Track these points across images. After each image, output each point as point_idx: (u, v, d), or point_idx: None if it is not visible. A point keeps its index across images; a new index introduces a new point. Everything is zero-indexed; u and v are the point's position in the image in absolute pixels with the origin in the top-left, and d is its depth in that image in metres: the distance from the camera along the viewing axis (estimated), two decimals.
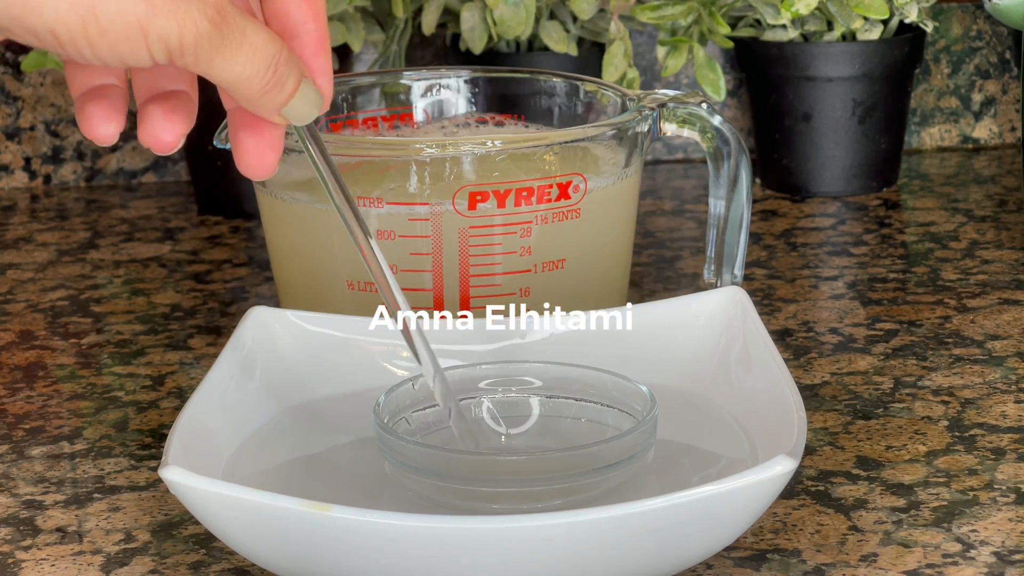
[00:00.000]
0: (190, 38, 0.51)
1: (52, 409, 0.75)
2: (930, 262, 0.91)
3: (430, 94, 0.81)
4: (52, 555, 0.61)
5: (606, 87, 0.78)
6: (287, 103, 0.55)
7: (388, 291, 0.60)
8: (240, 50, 0.53)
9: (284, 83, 0.54)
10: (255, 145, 0.57)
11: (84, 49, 0.51)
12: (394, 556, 0.52)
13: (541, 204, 0.71)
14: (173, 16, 0.51)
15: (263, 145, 0.57)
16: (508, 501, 0.58)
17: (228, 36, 0.52)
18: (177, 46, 0.51)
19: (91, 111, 0.55)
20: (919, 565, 0.58)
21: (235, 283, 0.92)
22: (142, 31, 0.51)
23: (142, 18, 0.51)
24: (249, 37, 0.53)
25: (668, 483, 0.60)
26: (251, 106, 0.55)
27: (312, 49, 0.56)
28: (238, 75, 0.53)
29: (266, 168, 0.57)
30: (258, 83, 0.54)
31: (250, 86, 0.54)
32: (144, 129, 0.56)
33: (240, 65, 0.53)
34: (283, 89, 0.54)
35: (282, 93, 0.54)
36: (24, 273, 0.94)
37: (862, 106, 1.03)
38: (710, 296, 0.68)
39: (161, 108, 0.56)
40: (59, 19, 0.50)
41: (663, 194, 1.07)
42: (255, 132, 0.57)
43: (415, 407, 0.63)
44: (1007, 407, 0.72)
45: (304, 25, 0.56)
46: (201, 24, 0.51)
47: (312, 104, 0.56)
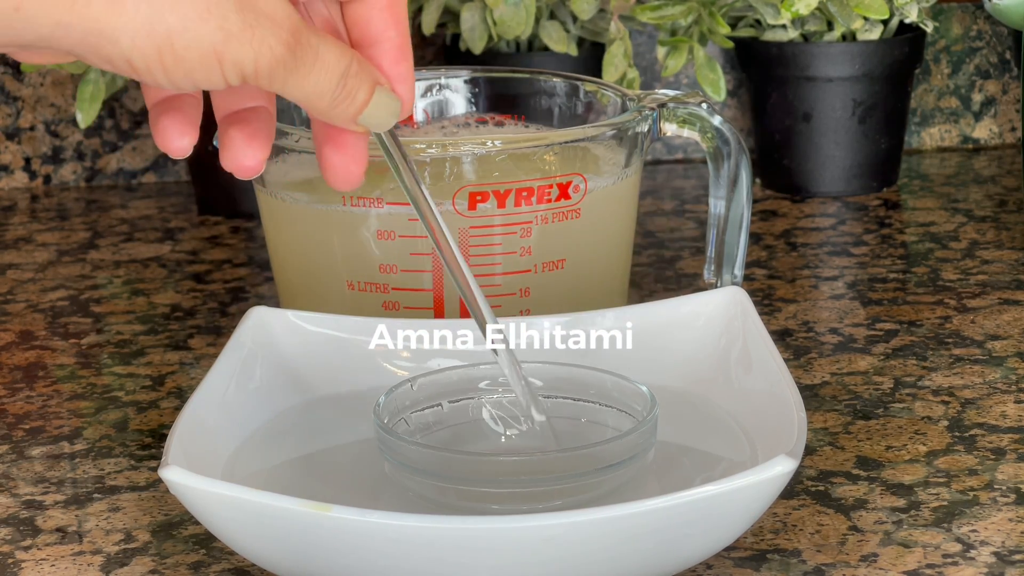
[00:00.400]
0: (265, 63, 0.51)
1: (52, 409, 0.75)
2: (930, 262, 0.91)
3: (430, 94, 0.81)
4: (52, 555, 0.61)
5: (606, 87, 0.78)
6: (361, 112, 0.55)
7: (476, 306, 0.60)
8: (313, 69, 0.53)
9: (355, 95, 0.54)
10: (340, 160, 0.57)
11: (159, 76, 0.51)
12: (394, 556, 0.52)
13: (541, 204, 0.71)
14: (249, 43, 0.51)
15: (347, 159, 0.57)
16: (508, 502, 0.58)
17: (302, 58, 0.52)
18: (252, 71, 0.51)
19: (165, 124, 0.55)
20: (919, 565, 0.58)
21: (235, 283, 0.92)
22: (217, 58, 0.51)
23: (218, 45, 0.51)
24: (321, 55, 0.53)
25: (668, 483, 0.60)
26: (324, 118, 0.55)
27: (392, 57, 0.56)
28: (310, 92, 0.53)
29: (353, 180, 0.57)
30: (329, 97, 0.54)
31: (321, 100, 0.54)
32: (226, 155, 0.56)
33: (312, 83, 0.53)
34: (355, 100, 0.54)
35: (354, 104, 0.54)
36: (24, 273, 0.94)
37: (862, 106, 1.03)
38: (710, 296, 0.68)
39: (242, 133, 0.56)
40: (135, 47, 0.50)
41: (663, 194, 1.07)
42: (339, 146, 0.57)
43: (415, 407, 0.63)
44: (1007, 407, 0.72)
45: (384, 32, 0.56)
46: (276, 49, 0.51)
47: (389, 111, 0.56)
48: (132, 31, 0.50)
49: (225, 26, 0.50)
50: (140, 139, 1.13)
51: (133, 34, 0.50)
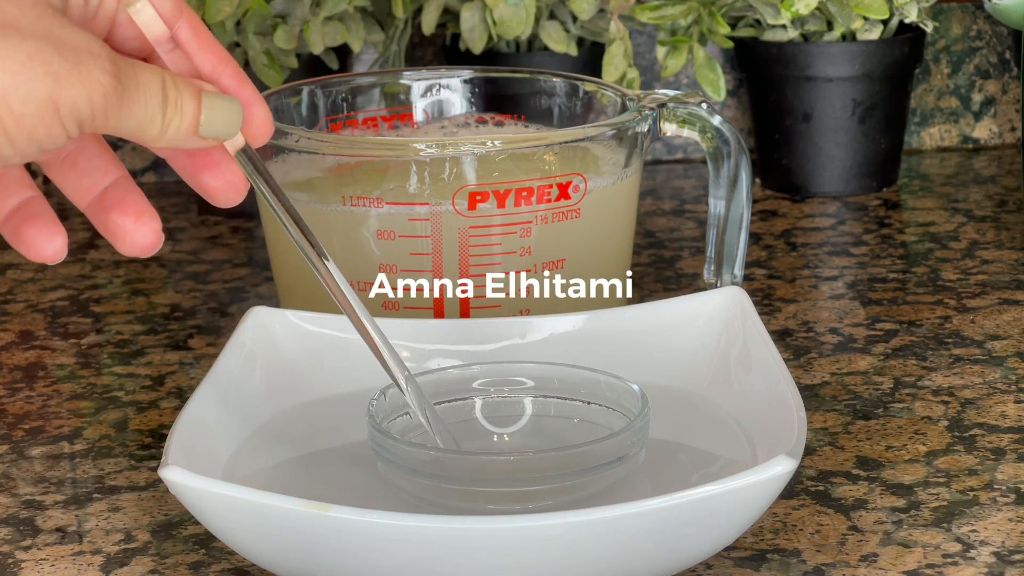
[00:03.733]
0: (99, 99, 0.50)
1: (52, 409, 0.75)
2: (930, 262, 0.91)
3: (430, 94, 0.81)
4: (52, 555, 0.61)
5: (606, 87, 0.78)
6: (197, 123, 0.53)
7: (348, 306, 0.59)
8: (138, 93, 0.51)
9: (181, 105, 0.53)
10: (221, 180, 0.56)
11: (4, 147, 0.49)
12: (394, 556, 0.52)
13: (541, 204, 0.71)
14: (79, 81, 0.49)
15: (227, 174, 0.56)
16: (500, 501, 0.58)
17: (128, 84, 0.51)
18: (88, 112, 0.50)
19: (31, 235, 0.54)
20: (919, 565, 0.58)
21: (235, 283, 0.92)
22: (54, 107, 0.49)
23: (51, 92, 0.49)
24: (140, 77, 0.52)
25: (668, 483, 0.60)
26: (165, 143, 0.53)
27: (235, 85, 0.55)
28: (141, 119, 0.52)
29: (240, 191, 0.57)
30: (160, 118, 0.52)
31: (153, 125, 0.52)
32: (122, 243, 0.55)
33: (141, 109, 0.52)
34: (184, 112, 0.53)
35: (185, 116, 0.53)
36: (24, 273, 0.94)
37: (862, 106, 1.03)
38: (710, 296, 0.68)
39: (128, 215, 0.54)
40: None
41: (663, 194, 1.07)
42: (211, 168, 0.56)
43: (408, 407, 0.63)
44: (1007, 407, 0.72)
45: (216, 69, 0.55)
46: (104, 80, 0.50)
47: (228, 114, 0.54)
48: None
49: (52, 70, 0.49)
50: None
51: None
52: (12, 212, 0.55)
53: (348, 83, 0.80)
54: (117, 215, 0.55)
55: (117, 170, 0.56)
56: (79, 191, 0.56)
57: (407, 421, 0.63)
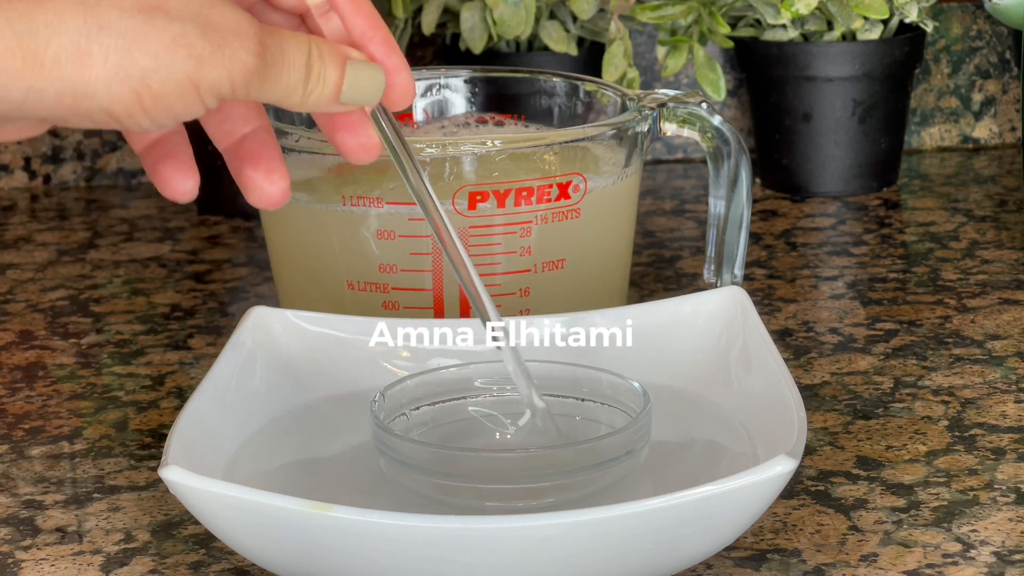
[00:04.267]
0: (240, 77, 0.51)
1: (52, 409, 0.75)
2: (930, 262, 0.91)
3: (430, 94, 0.81)
4: (52, 555, 0.61)
5: (606, 87, 0.78)
6: (339, 91, 0.55)
7: (479, 301, 0.60)
8: (283, 67, 0.53)
9: (324, 76, 0.54)
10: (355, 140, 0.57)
11: (141, 120, 0.51)
12: (394, 556, 0.52)
13: (541, 204, 0.71)
14: (221, 63, 0.51)
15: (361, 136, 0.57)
16: (502, 498, 0.58)
17: (272, 61, 0.52)
18: (228, 89, 0.51)
19: (167, 173, 0.56)
20: (919, 565, 0.58)
21: (235, 283, 0.92)
22: (194, 87, 0.51)
23: (192, 74, 0.50)
24: (286, 51, 0.53)
25: (668, 483, 0.60)
26: (307, 109, 0.55)
27: (383, 52, 0.57)
28: (283, 90, 0.53)
29: (373, 152, 0.58)
30: (302, 88, 0.54)
31: (295, 94, 0.54)
32: (251, 196, 0.57)
33: (284, 81, 0.53)
34: (326, 81, 0.54)
35: (327, 86, 0.54)
36: (24, 273, 0.94)
37: (862, 106, 1.03)
38: (710, 296, 0.68)
39: (259, 171, 0.56)
40: (113, 98, 0.50)
41: (663, 194, 1.07)
42: (348, 128, 0.57)
43: (412, 405, 0.63)
44: (1007, 407, 0.72)
45: (365, 34, 0.56)
46: (248, 61, 0.51)
47: (371, 82, 0.56)
48: (106, 81, 0.50)
49: (195, 52, 0.50)
50: None
51: (107, 84, 0.50)
52: (152, 145, 0.56)
53: None
54: (250, 169, 0.57)
55: (258, 119, 0.57)
56: (220, 134, 0.57)
57: (408, 420, 0.63)
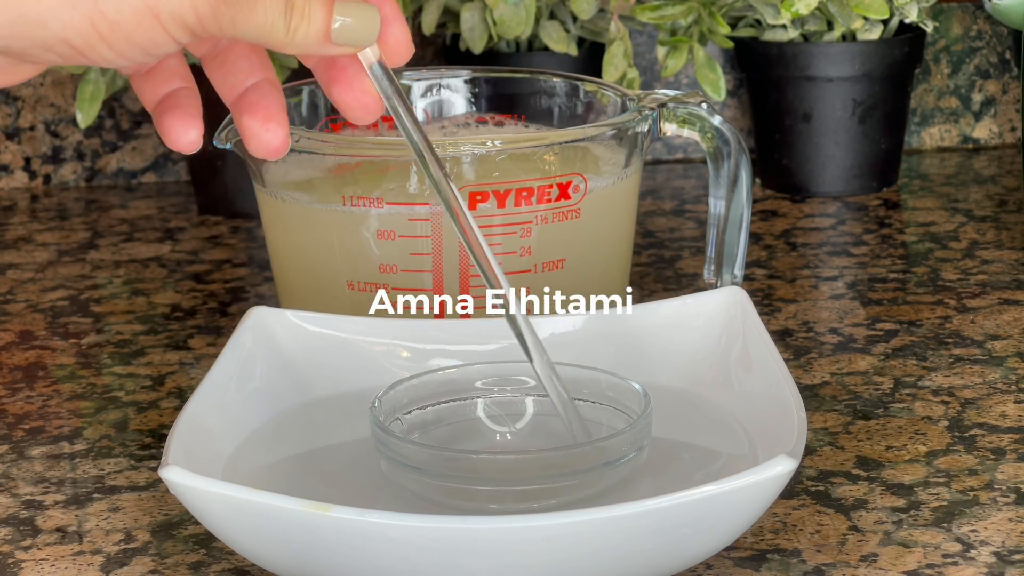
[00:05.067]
0: (205, 7, 0.50)
1: (52, 409, 0.75)
2: (930, 262, 0.91)
3: (430, 94, 0.81)
4: (52, 555, 0.61)
5: (606, 87, 0.78)
6: (328, 30, 0.53)
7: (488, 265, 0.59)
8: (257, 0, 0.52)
9: (308, 12, 0.53)
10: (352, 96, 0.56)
11: (103, 50, 0.50)
12: (394, 556, 0.52)
13: (541, 204, 0.71)
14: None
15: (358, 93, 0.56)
16: (503, 500, 0.58)
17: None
18: (195, 19, 0.50)
19: (168, 123, 0.55)
20: (919, 565, 0.58)
21: (235, 283, 0.92)
22: (153, 14, 0.50)
23: (149, 1, 0.50)
24: None
25: (668, 483, 0.60)
26: (294, 50, 0.53)
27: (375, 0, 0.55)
28: (262, 24, 0.52)
29: (372, 111, 0.56)
30: (282, 24, 0.52)
31: (276, 30, 0.52)
32: (251, 144, 0.56)
33: (260, 15, 0.52)
34: (312, 18, 0.53)
35: (312, 23, 0.53)
36: (24, 273, 0.94)
37: (862, 106, 1.03)
38: (710, 296, 0.68)
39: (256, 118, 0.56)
40: (66, 26, 0.49)
41: (663, 194, 1.07)
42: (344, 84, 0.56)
43: (412, 406, 0.63)
44: (1007, 407, 0.72)
45: None
46: None
47: (365, 21, 0.54)
48: (56, 8, 0.49)
49: None
50: (140, 139, 1.13)
51: (58, 11, 0.49)
52: (162, 99, 0.56)
53: None
54: (248, 117, 0.56)
55: (262, 72, 0.57)
56: (225, 87, 0.57)
57: (409, 420, 0.63)
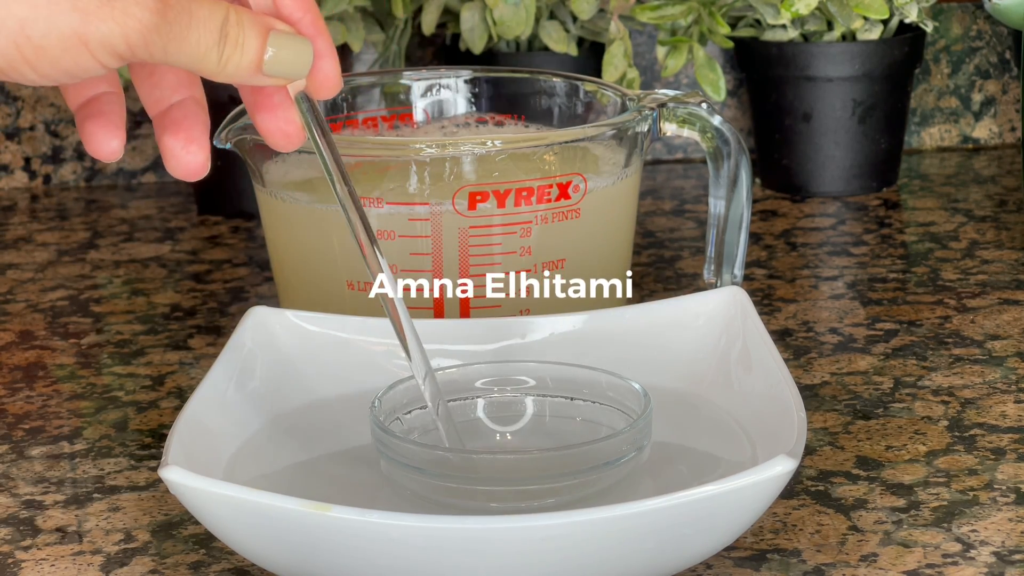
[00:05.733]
0: (136, 35, 0.50)
1: (52, 409, 0.75)
2: (930, 262, 0.91)
3: (430, 94, 0.81)
4: (52, 555, 0.61)
5: (606, 87, 0.78)
6: (260, 61, 0.53)
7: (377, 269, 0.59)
8: (190, 28, 0.51)
9: (243, 43, 0.53)
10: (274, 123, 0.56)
11: (28, 72, 0.50)
12: (394, 556, 0.52)
13: (541, 204, 0.71)
14: (111, 18, 0.49)
15: (280, 121, 0.56)
16: (503, 499, 0.58)
17: (175, 20, 0.51)
18: (125, 47, 0.50)
19: (91, 130, 0.55)
20: (919, 565, 0.58)
21: (235, 283, 0.92)
22: (81, 41, 0.49)
23: (77, 28, 0.49)
24: (195, 13, 0.51)
25: (668, 483, 0.60)
26: (226, 78, 0.53)
27: (311, 34, 0.55)
28: (193, 54, 0.52)
29: (292, 140, 0.56)
30: (215, 53, 0.52)
31: (208, 60, 0.52)
32: (170, 164, 0.56)
33: (193, 44, 0.51)
34: (245, 49, 0.53)
35: (246, 54, 0.53)
36: (24, 273, 0.94)
37: (862, 106, 1.03)
38: (710, 296, 0.68)
39: (178, 139, 0.55)
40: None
41: (663, 194, 1.07)
42: (269, 110, 0.56)
43: (412, 406, 0.63)
44: (1007, 407, 0.72)
45: (294, 15, 0.55)
46: (144, 17, 0.50)
47: (297, 54, 0.54)
48: None
49: (79, 5, 0.49)
50: (140, 139, 1.13)
51: None
52: (84, 103, 0.55)
53: (348, 83, 0.80)
54: (170, 136, 0.56)
55: (188, 90, 0.56)
56: (150, 100, 0.57)
57: (409, 421, 0.63)
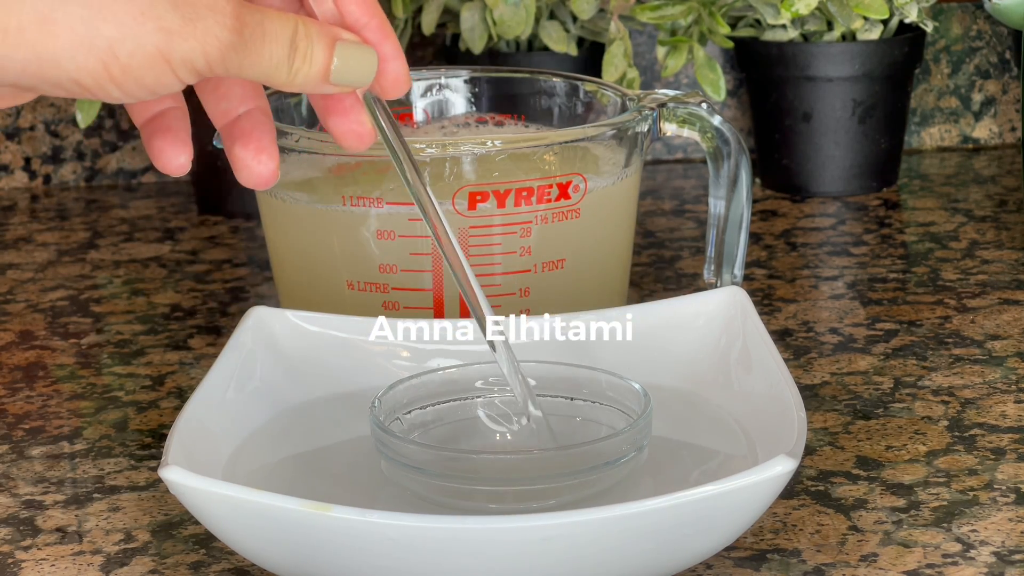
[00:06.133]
0: (215, 53, 0.51)
1: (52, 409, 0.75)
2: (930, 262, 0.92)
3: (430, 94, 0.81)
4: (52, 555, 0.61)
5: (606, 87, 0.78)
6: (328, 70, 0.55)
7: (474, 299, 0.60)
8: (264, 44, 0.52)
9: (311, 55, 0.54)
10: (346, 125, 0.57)
11: (112, 90, 0.51)
12: (394, 556, 0.52)
13: (541, 204, 0.71)
14: (193, 36, 0.51)
15: (351, 122, 0.57)
16: (503, 500, 0.58)
17: (250, 37, 0.52)
18: (204, 64, 0.51)
19: (160, 147, 0.56)
20: (919, 565, 0.58)
21: (235, 283, 0.92)
22: (165, 60, 0.51)
23: (162, 47, 0.50)
24: (268, 29, 0.53)
25: (668, 483, 0.60)
26: (295, 88, 0.54)
27: (377, 38, 0.56)
28: (266, 67, 0.53)
29: (365, 140, 0.58)
30: (286, 66, 0.53)
31: (279, 72, 0.53)
32: (241, 174, 0.57)
33: (267, 58, 0.53)
34: (313, 60, 0.54)
35: (314, 65, 0.54)
36: (24, 273, 0.94)
37: (862, 106, 1.03)
38: (710, 296, 0.68)
39: (249, 150, 0.56)
40: (79, 67, 0.50)
41: (663, 194, 1.07)
42: (340, 113, 0.57)
43: (412, 406, 0.63)
44: (1007, 407, 0.72)
45: (359, 20, 0.56)
46: (223, 36, 0.51)
47: (363, 63, 0.55)
48: (72, 50, 0.50)
49: (164, 25, 0.50)
50: (140, 139, 1.13)
51: (73, 53, 0.50)
52: (151, 119, 0.56)
53: None
54: (240, 147, 0.57)
55: (255, 100, 0.57)
56: (217, 112, 0.58)
57: (409, 421, 0.63)
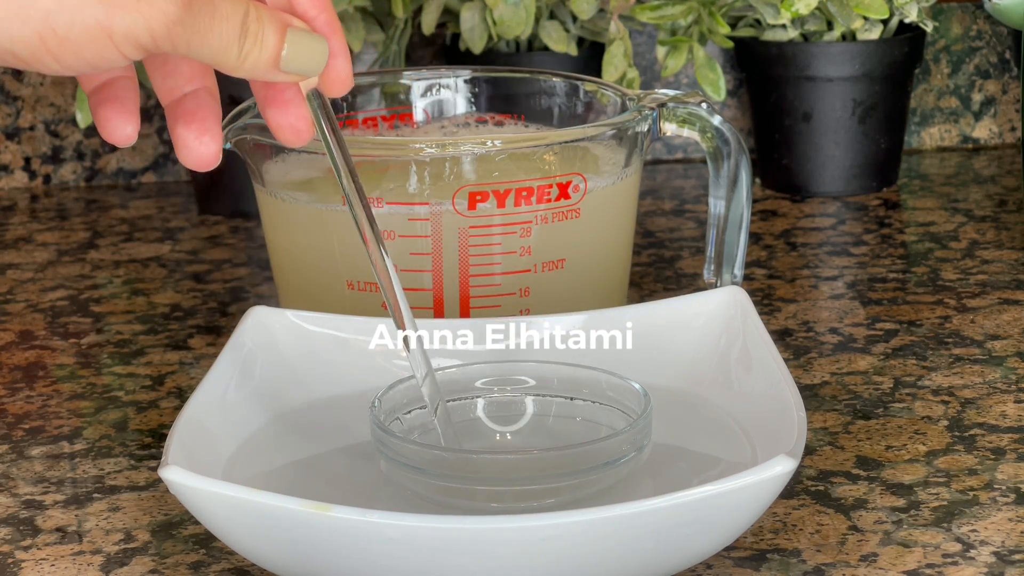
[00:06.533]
0: (160, 27, 0.50)
1: (52, 409, 0.75)
2: (930, 262, 0.91)
3: (430, 94, 0.81)
4: (52, 555, 0.61)
5: (606, 87, 0.78)
6: (278, 57, 0.54)
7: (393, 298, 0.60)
8: (213, 22, 0.52)
9: (262, 39, 0.53)
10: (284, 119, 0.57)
11: (50, 62, 0.50)
12: (394, 556, 0.52)
13: (541, 204, 0.71)
14: (135, 9, 0.50)
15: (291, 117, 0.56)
16: (504, 500, 0.58)
17: (199, 13, 0.51)
18: (149, 39, 0.50)
19: (106, 116, 0.55)
20: (919, 565, 0.58)
21: (235, 283, 0.92)
22: (105, 32, 0.50)
23: (102, 20, 0.49)
24: (218, 7, 0.52)
25: (668, 483, 0.60)
26: (243, 74, 0.54)
27: (326, 32, 0.56)
28: (215, 47, 0.52)
29: (302, 136, 0.57)
30: (236, 48, 0.53)
31: (228, 54, 0.53)
32: (182, 154, 0.56)
33: (216, 37, 0.52)
34: (264, 45, 0.53)
35: (265, 49, 0.53)
36: (24, 273, 0.94)
37: (862, 106, 1.03)
38: (710, 296, 0.68)
39: (191, 130, 0.56)
40: (13, 38, 0.49)
41: (663, 194, 1.07)
42: (280, 105, 0.56)
43: (412, 406, 0.63)
44: (1007, 407, 0.72)
45: (309, 13, 0.56)
46: (168, 9, 0.50)
47: (313, 52, 0.55)
48: (5, 20, 0.49)
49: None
50: (140, 139, 1.13)
51: (7, 24, 0.49)
52: (100, 87, 0.56)
53: None
54: (183, 127, 0.56)
55: (202, 80, 0.57)
56: (163, 89, 0.57)
57: (409, 421, 0.63)
